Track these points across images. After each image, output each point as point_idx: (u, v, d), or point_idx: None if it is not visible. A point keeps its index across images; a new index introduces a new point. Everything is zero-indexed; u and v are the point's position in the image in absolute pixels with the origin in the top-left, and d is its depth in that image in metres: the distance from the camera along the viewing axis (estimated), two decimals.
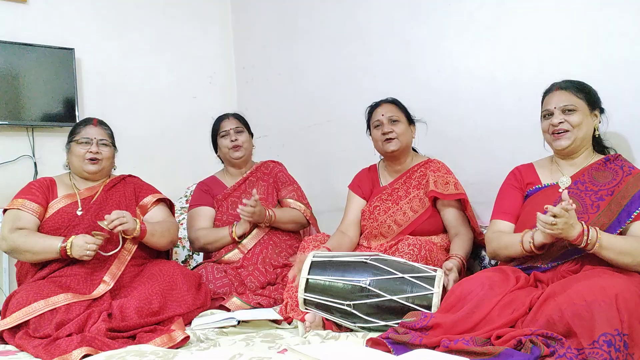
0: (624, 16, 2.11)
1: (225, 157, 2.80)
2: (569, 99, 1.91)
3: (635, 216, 1.76)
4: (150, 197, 2.45)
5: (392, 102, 2.48)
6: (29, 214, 2.22)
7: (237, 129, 2.77)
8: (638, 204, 1.76)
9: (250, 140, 2.83)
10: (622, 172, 1.86)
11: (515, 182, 2.06)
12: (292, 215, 2.71)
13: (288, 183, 2.82)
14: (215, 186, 2.83)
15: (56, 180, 2.38)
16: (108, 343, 1.83)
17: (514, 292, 1.69)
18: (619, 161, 1.91)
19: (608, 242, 1.68)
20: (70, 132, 2.40)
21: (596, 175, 1.90)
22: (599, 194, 1.86)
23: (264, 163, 2.88)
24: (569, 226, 1.67)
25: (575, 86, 1.94)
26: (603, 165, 1.92)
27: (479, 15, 2.56)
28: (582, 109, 1.91)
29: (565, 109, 1.90)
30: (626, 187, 1.81)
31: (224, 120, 2.81)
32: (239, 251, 2.61)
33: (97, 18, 3.48)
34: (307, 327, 1.96)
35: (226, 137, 2.76)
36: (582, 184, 1.90)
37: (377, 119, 2.43)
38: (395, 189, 2.45)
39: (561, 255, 1.82)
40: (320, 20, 3.37)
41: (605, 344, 1.37)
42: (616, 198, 1.81)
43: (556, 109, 1.91)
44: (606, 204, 1.82)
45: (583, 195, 1.88)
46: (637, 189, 1.78)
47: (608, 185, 1.86)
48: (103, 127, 2.41)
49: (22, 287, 2.13)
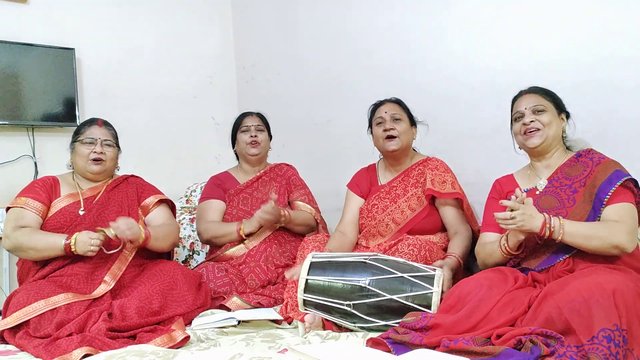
0: (624, 16, 2.11)
1: (242, 152, 2.84)
2: (538, 100, 2.00)
3: (607, 201, 1.80)
4: (152, 198, 2.45)
5: (395, 102, 2.48)
6: (31, 213, 2.23)
7: (258, 126, 2.83)
8: (607, 190, 1.80)
9: (268, 141, 2.88)
10: (592, 162, 1.91)
11: (496, 194, 2.11)
12: (305, 218, 2.74)
13: (300, 187, 2.86)
14: (228, 181, 2.86)
15: (59, 179, 2.38)
16: (108, 343, 1.83)
17: (512, 291, 1.70)
18: (590, 154, 1.96)
19: (572, 228, 1.74)
20: (74, 132, 2.41)
21: (569, 171, 1.95)
22: (573, 187, 1.91)
23: (277, 165, 2.93)
24: (529, 217, 1.74)
25: (542, 90, 2.03)
26: (575, 160, 1.97)
27: (479, 15, 2.56)
28: (551, 110, 1.98)
29: (536, 109, 1.98)
30: (596, 176, 1.86)
31: (248, 116, 2.87)
32: (244, 246, 2.62)
33: (97, 18, 3.48)
34: (307, 328, 1.96)
35: (246, 133, 2.80)
36: (557, 181, 1.96)
37: (379, 115, 2.44)
38: (394, 187, 2.45)
39: (550, 257, 1.85)
40: (320, 20, 3.37)
41: (604, 339, 1.38)
42: (588, 188, 1.87)
43: (527, 110, 1.99)
44: (581, 196, 1.87)
45: (559, 192, 1.93)
46: (605, 177, 1.83)
47: (580, 177, 1.91)
48: (108, 127, 2.42)
49: (23, 286, 2.13)
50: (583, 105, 2.12)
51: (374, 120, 2.48)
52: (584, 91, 2.20)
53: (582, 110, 2.09)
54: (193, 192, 3.43)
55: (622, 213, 1.78)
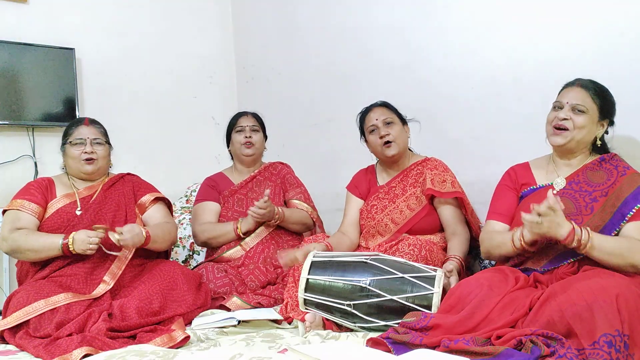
0: (624, 16, 2.11)
1: (236, 152, 2.82)
2: (583, 99, 1.87)
3: (630, 217, 1.75)
4: (148, 196, 2.44)
5: (383, 105, 2.46)
6: (28, 215, 2.22)
7: (253, 127, 2.80)
8: (632, 205, 1.75)
9: (263, 141, 2.85)
10: (617, 172, 1.85)
11: (510, 182, 2.05)
12: (300, 217, 2.72)
13: (295, 185, 2.84)
14: (222, 182, 2.84)
15: (55, 180, 2.38)
16: (108, 343, 1.83)
17: (514, 292, 1.69)
18: (614, 161, 1.89)
19: (599, 242, 1.67)
20: (63, 134, 2.38)
21: (591, 176, 1.89)
22: (593, 195, 1.84)
23: (272, 164, 2.90)
24: (556, 224, 1.66)
25: (595, 89, 1.89)
26: (598, 165, 1.90)
27: (479, 15, 2.56)
28: (592, 114, 1.87)
29: (576, 107, 1.86)
30: (620, 188, 1.80)
31: (242, 117, 2.84)
32: (241, 248, 2.61)
33: (97, 18, 3.48)
34: (307, 327, 1.96)
35: (241, 133, 2.78)
36: (577, 184, 1.89)
37: (371, 123, 2.42)
38: (392, 187, 2.44)
39: (556, 258, 1.82)
40: (320, 20, 3.37)
41: (605, 344, 1.37)
42: (610, 199, 1.80)
43: (567, 104, 1.88)
44: (600, 206, 1.81)
45: (577, 197, 1.87)
46: (631, 190, 1.77)
47: (602, 186, 1.84)
48: (95, 125, 2.39)
49: (23, 286, 2.13)
50: None
51: (365, 128, 2.45)
52: None
53: None
54: (193, 192, 3.42)
55: None
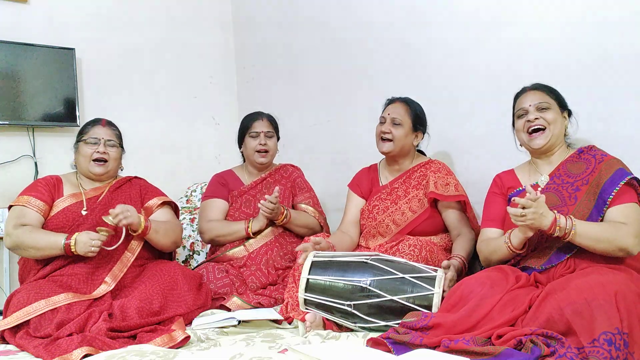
0: (624, 16, 2.11)
1: (249, 157, 2.76)
2: (542, 97, 1.98)
3: (610, 202, 1.78)
4: (155, 200, 2.45)
5: (404, 101, 2.45)
6: (33, 211, 2.23)
7: (268, 133, 2.73)
8: (611, 190, 1.79)
9: (277, 145, 2.80)
10: (595, 160, 1.89)
11: (497, 189, 2.10)
12: (307, 221, 2.69)
13: (305, 190, 2.81)
14: (232, 181, 2.80)
15: (63, 178, 2.39)
16: (109, 343, 1.83)
17: (514, 290, 1.69)
18: (592, 151, 1.94)
19: (582, 229, 1.72)
20: (78, 132, 2.41)
21: (571, 167, 1.94)
22: (575, 184, 1.89)
23: (283, 166, 2.86)
24: (539, 215, 1.71)
25: (546, 87, 2.01)
26: (577, 157, 1.95)
27: (479, 15, 2.56)
28: (555, 108, 1.97)
29: (540, 106, 1.96)
30: (599, 175, 1.84)
31: (257, 120, 2.76)
32: (244, 248, 2.59)
33: (97, 18, 3.48)
34: (308, 327, 1.96)
35: (255, 139, 2.71)
36: (559, 178, 1.94)
37: (383, 116, 2.43)
38: (395, 189, 2.44)
39: (553, 256, 1.83)
40: (320, 20, 3.37)
41: (605, 342, 1.38)
42: (592, 187, 1.85)
43: (531, 107, 1.97)
44: (583, 194, 1.86)
45: (561, 189, 1.91)
46: (609, 175, 1.81)
47: (583, 174, 1.89)
48: (111, 127, 2.42)
49: (23, 286, 2.13)
50: (584, 104, 2.12)
51: (380, 117, 2.46)
52: (585, 90, 2.20)
53: (584, 109, 2.09)
54: (193, 192, 3.43)
55: (628, 214, 1.76)
